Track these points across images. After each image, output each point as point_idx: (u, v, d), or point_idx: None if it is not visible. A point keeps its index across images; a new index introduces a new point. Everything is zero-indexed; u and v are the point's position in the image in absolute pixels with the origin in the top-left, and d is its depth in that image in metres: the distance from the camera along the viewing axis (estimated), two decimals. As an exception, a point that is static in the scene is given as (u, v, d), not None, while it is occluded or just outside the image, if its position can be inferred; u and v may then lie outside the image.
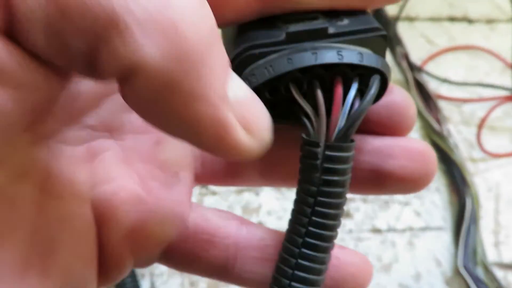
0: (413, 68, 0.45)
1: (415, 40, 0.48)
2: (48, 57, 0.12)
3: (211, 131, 0.12)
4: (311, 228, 0.17)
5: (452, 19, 0.50)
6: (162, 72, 0.11)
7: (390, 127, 0.18)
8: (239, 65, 0.16)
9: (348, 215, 0.38)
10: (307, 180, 0.17)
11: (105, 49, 0.11)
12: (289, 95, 0.16)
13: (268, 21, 0.17)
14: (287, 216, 0.17)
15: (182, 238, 0.19)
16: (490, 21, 0.50)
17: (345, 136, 0.16)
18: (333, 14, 0.17)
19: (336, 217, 0.17)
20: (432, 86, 0.45)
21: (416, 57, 0.47)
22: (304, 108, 0.16)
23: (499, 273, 0.36)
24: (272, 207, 0.38)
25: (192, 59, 0.11)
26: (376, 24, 0.17)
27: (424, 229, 0.38)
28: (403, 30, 0.48)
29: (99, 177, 0.18)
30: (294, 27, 0.16)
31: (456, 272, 0.35)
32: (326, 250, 0.17)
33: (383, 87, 0.17)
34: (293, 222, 0.17)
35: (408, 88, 0.44)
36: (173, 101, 0.12)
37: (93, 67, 0.11)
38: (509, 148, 0.42)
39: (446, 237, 0.38)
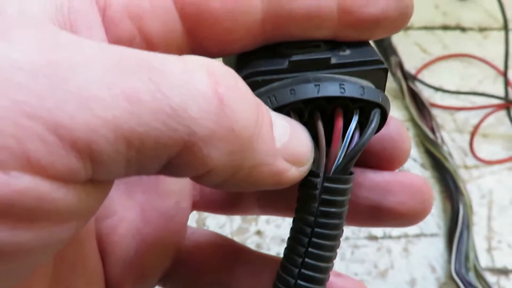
0: (407, 77, 0.46)
1: (409, 48, 0.49)
2: (120, 178, 0.13)
3: (270, 181, 0.14)
4: (307, 260, 0.16)
5: (445, 27, 0.51)
6: (227, 166, 0.13)
7: (382, 160, 0.19)
8: None
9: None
10: (305, 209, 0.17)
11: (176, 165, 0.12)
12: None
13: (271, 47, 0.17)
14: (285, 224, 0.18)
15: (177, 265, 0.20)
16: (482, 29, 0.51)
17: (344, 169, 0.16)
18: (334, 43, 0.17)
19: (333, 249, 0.17)
20: (426, 94, 0.46)
21: (410, 66, 0.48)
22: None
23: (492, 279, 0.37)
24: (270, 216, 0.39)
25: (248, 145, 0.13)
26: (377, 56, 0.17)
27: (419, 236, 0.39)
28: (397, 39, 0.49)
29: (101, 211, 0.18)
30: (297, 56, 0.16)
31: (450, 277, 0.36)
32: (322, 282, 0.17)
33: (382, 120, 0.17)
34: (289, 251, 0.17)
35: (402, 97, 0.45)
36: (238, 176, 0.14)
37: (164, 173, 0.13)
38: (501, 155, 0.43)
39: (440, 243, 0.39)
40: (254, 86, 0.16)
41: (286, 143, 0.15)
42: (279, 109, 0.16)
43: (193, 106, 0.12)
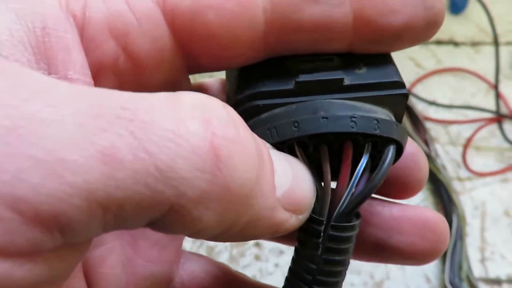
0: (401, 91, 0.47)
1: (403, 63, 0.51)
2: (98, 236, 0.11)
3: (267, 232, 0.13)
4: None
5: (438, 42, 0.53)
6: (219, 225, 0.12)
7: (394, 189, 0.17)
8: (241, 115, 0.14)
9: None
10: (307, 256, 0.15)
11: (160, 225, 0.11)
12: (294, 154, 0.15)
13: (277, 60, 0.15)
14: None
15: None
16: (475, 44, 0.52)
17: (351, 214, 0.15)
18: (350, 56, 0.15)
19: None
20: (420, 108, 0.47)
21: (404, 80, 0.49)
22: None
23: (485, 289, 0.38)
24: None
25: (245, 202, 0.12)
26: (396, 77, 0.15)
27: (414, 246, 0.40)
28: (391, 53, 0.50)
29: None
30: (304, 76, 0.14)
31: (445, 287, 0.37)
32: None
33: (397, 154, 0.15)
34: None
35: (397, 111, 0.47)
36: (231, 232, 0.12)
37: (147, 227, 0.12)
38: (494, 167, 0.44)
39: (434, 254, 0.39)
40: (255, 111, 0.15)
41: (287, 192, 0.13)
42: (280, 143, 0.14)
43: (183, 165, 0.10)
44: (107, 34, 0.14)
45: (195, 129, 0.11)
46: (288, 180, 0.13)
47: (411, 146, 0.17)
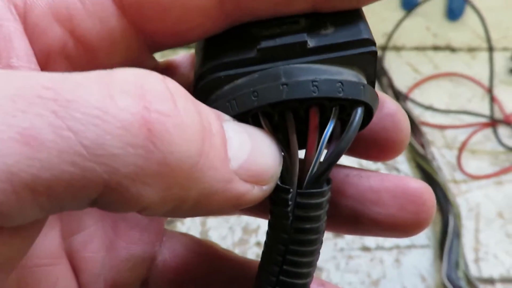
0: (398, 96, 0.49)
1: (401, 68, 0.52)
2: (42, 217, 0.11)
3: (226, 206, 0.13)
4: (282, 278, 0.15)
5: (436, 48, 0.54)
6: (165, 201, 0.11)
7: (373, 151, 0.16)
8: (204, 89, 0.14)
9: (340, 234, 0.41)
10: (278, 227, 0.15)
11: (103, 204, 0.11)
12: (260, 125, 0.14)
13: (241, 28, 0.14)
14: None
15: (153, 274, 0.19)
16: (471, 50, 0.54)
17: (319, 180, 0.14)
18: (317, 17, 0.14)
19: (310, 264, 0.15)
20: (417, 112, 0.48)
21: (402, 85, 0.50)
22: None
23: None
24: (269, 228, 0.41)
25: (189, 176, 0.11)
26: (365, 35, 0.14)
27: (410, 247, 0.41)
28: (390, 59, 0.52)
29: (69, 227, 0.17)
30: (267, 42, 0.14)
31: (440, 285, 0.38)
32: None
33: (367, 116, 0.15)
34: (263, 269, 0.15)
35: (394, 115, 0.48)
36: (184, 208, 0.12)
37: (98, 208, 0.11)
38: (488, 170, 0.45)
39: (430, 254, 0.41)
40: (217, 83, 0.14)
41: (245, 162, 0.13)
42: (242, 114, 0.14)
43: (112, 141, 0.10)
44: (51, 19, 0.13)
45: (124, 104, 0.10)
46: (246, 151, 0.13)
47: (391, 106, 0.16)
